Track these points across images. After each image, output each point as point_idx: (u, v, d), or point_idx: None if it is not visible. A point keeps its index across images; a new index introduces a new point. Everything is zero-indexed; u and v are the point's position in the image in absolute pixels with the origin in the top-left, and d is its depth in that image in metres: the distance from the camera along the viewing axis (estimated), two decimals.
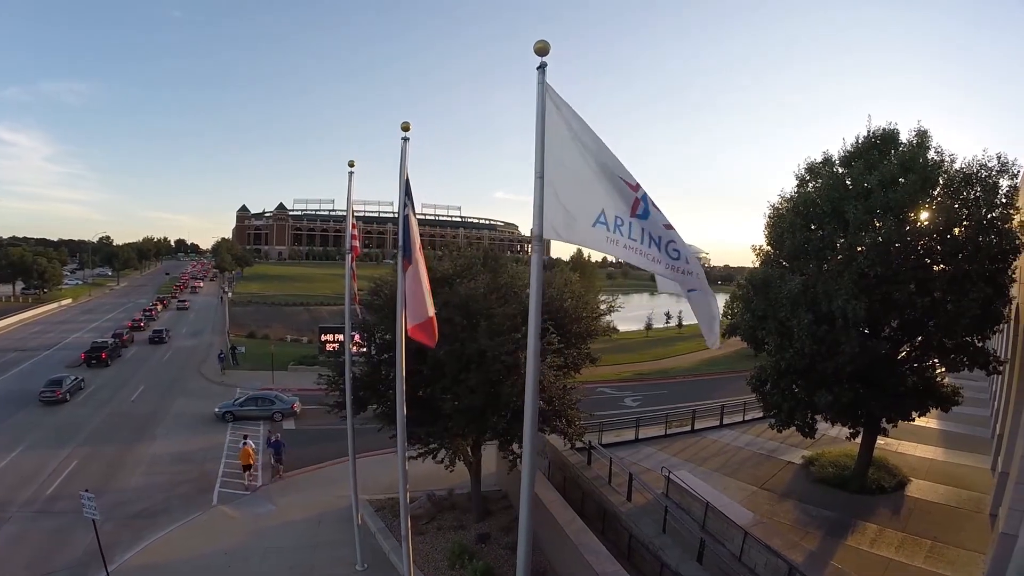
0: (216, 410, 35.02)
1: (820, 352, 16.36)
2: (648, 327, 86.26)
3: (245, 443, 26.75)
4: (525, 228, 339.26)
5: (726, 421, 28.12)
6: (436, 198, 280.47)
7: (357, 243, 14.33)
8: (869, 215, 16.10)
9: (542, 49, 5.84)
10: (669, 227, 5.82)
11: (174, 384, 43.49)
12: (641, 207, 5.81)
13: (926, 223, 15.93)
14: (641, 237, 5.82)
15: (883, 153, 17.47)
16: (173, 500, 24.04)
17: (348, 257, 13.99)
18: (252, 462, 26.27)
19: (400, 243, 10.07)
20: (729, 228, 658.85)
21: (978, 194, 15.69)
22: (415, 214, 10.07)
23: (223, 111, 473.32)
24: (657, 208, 5.83)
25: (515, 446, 17.26)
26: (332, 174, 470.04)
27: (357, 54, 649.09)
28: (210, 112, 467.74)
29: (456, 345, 15.55)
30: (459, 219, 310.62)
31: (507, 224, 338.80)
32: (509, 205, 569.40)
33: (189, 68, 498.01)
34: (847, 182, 17.49)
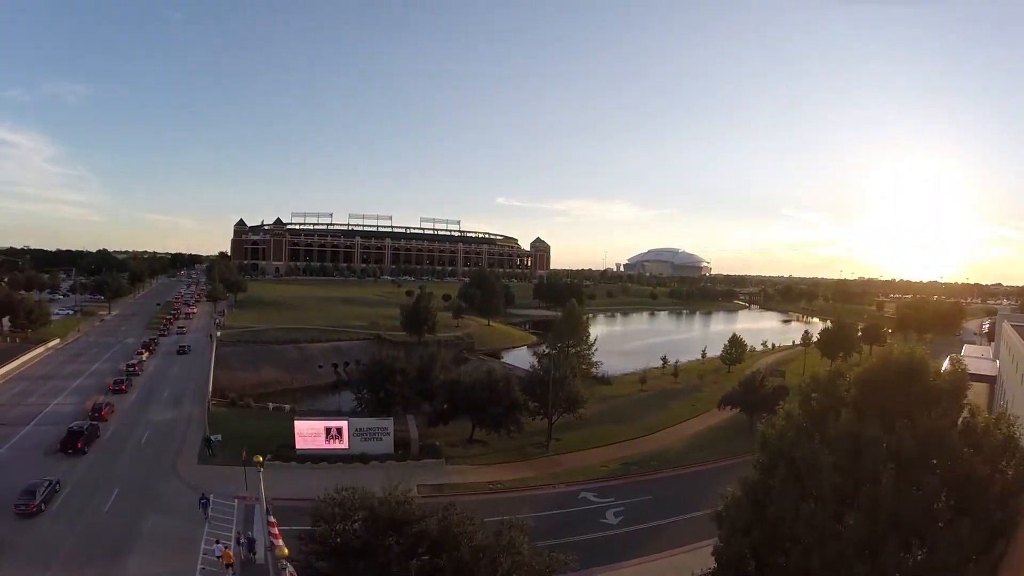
0: None
1: None
2: (643, 380, 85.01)
3: (223, 546, 31.05)
4: (525, 241, 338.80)
5: None
6: (435, 210, 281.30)
7: (280, 541, 12.71)
8: None
9: None
10: None
11: (147, 489, 41.95)
12: None
13: None
14: None
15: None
16: None
17: None
18: (232, 561, 30.43)
19: None
20: (729, 236, 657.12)
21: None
22: None
23: (225, 114, 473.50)
24: None
25: None
26: (332, 184, 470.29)
27: (360, 60, 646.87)
28: (212, 115, 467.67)
29: None
30: (458, 233, 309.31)
31: (506, 238, 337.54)
32: (511, 212, 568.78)
33: (190, 71, 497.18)
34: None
